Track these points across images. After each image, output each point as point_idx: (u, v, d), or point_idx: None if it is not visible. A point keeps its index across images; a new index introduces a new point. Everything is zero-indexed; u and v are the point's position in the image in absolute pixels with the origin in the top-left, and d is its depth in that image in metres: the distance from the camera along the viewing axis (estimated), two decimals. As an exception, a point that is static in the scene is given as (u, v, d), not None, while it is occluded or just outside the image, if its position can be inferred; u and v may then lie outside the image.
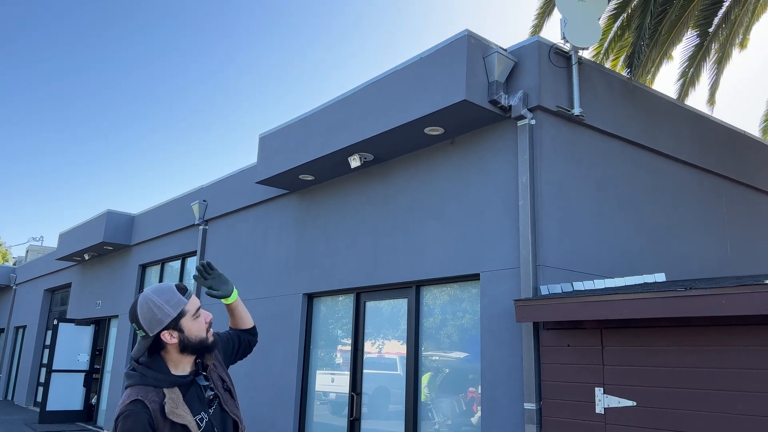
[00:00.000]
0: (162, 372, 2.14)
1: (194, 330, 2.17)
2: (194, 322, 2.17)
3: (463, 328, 5.77)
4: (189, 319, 2.16)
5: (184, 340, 2.15)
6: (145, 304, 2.13)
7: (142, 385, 2.11)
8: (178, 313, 2.13)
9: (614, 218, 5.83)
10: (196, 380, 2.22)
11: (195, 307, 2.19)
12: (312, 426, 7.32)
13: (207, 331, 2.20)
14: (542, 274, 5.06)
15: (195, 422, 2.11)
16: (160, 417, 2.04)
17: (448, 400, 5.77)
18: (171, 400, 2.09)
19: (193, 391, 2.19)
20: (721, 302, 3.69)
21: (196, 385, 2.21)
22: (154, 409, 2.04)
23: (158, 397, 2.08)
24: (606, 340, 4.45)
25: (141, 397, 2.07)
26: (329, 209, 7.56)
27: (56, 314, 17.03)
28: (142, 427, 2.00)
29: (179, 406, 2.09)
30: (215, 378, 2.29)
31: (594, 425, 4.40)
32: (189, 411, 2.11)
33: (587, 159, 5.74)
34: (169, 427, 2.05)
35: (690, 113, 6.97)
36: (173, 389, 2.12)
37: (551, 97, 5.46)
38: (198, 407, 2.17)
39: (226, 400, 2.27)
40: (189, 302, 2.17)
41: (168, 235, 11.37)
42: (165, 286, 2.19)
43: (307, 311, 7.70)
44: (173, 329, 2.13)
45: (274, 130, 7.65)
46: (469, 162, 5.88)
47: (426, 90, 5.57)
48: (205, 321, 2.21)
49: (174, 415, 2.05)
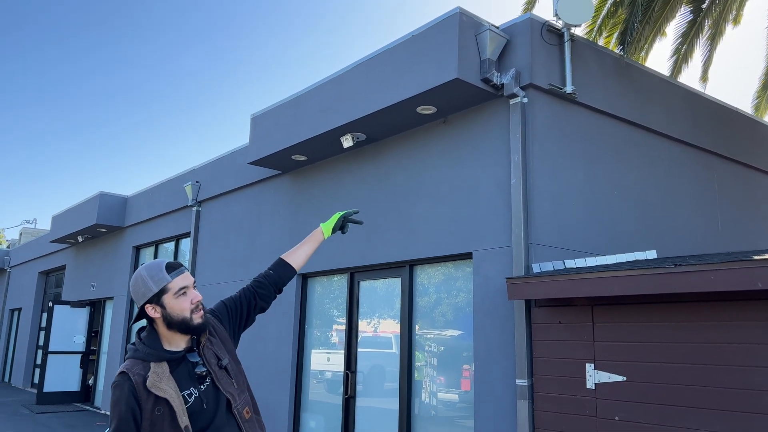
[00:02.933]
0: (153, 347, 2.20)
1: (176, 308, 2.20)
2: (176, 301, 2.20)
3: (456, 306, 5.82)
4: (170, 296, 2.20)
5: (166, 317, 2.20)
6: (135, 277, 2.23)
7: (133, 358, 2.19)
8: (159, 289, 2.19)
9: (606, 196, 5.85)
10: (187, 357, 2.24)
11: (179, 286, 2.21)
12: (308, 404, 7.40)
13: (192, 311, 2.21)
14: (534, 252, 5.09)
15: (181, 397, 2.14)
16: (142, 389, 2.11)
17: (441, 377, 5.84)
18: (155, 374, 2.14)
19: (184, 368, 2.22)
20: (709, 278, 3.73)
21: (187, 362, 2.24)
22: (137, 381, 2.11)
23: (143, 371, 2.14)
24: (597, 316, 4.50)
25: (127, 369, 2.14)
26: (322, 190, 7.56)
27: (51, 296, 17.04)
28: (126, 398, 2.09)
29: (163, 380, 2.14)
30: (209, 355, 2.30)
31: (585, 400, 4.47)
32: (175, 386, 2.15)
33: (579, 137, 5.74)
34: (152, 400, 2.10)
35: (683, 90, 6.96)
36: (161, 364, 2.17)
37: (543, 75, 5.44)
38: (187, 383, 2.20)
39: (220, 378, 2.27)
40: (173, 280, 2.21)
41: (161, 216, 11.35)
42: (155, 263, 2.25)
43: (302, 291, 7.74)
44: (156, 304, 2.20)
45: (266, 110, 7.60)
46: (462, 141, 5.88)
47: (418, 68, 5.54)
48: (191, 301, 2.22)
49: (156, 388, 2.11)
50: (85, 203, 12.88)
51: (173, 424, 2.11)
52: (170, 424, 2.11)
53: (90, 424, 10.60)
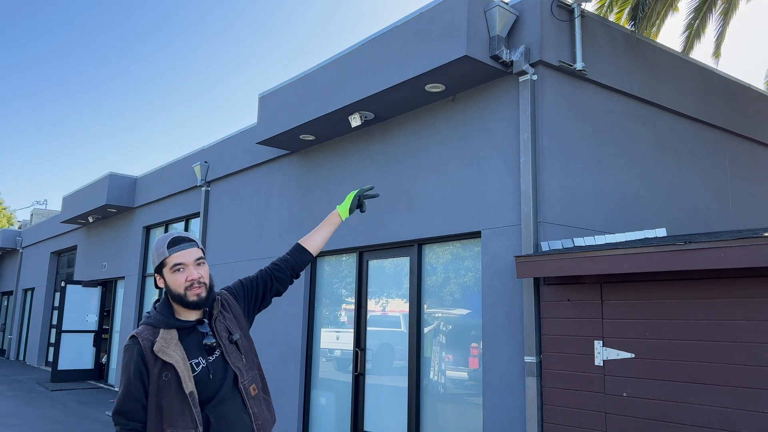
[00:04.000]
0: (164, 314, 2.26)
1: (171, 283, 2.25)
2: (171, 276, 2.25)
3: (465, 285, 5.84)
4: (167, 270, 2.26)
5: (167, 288, 2.28)
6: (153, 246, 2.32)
7: (145, 324, 2.26)
8: (160, 262, 2.27)
9: (616, 174, 5.82)
10: (197, 327, 2.29)
11: (174, 262, 2.25)
12: (318, 381, 7.49)
13: (186, 288, 2.23)
14: (543, 231, 5.09)
15: (188, 365, 2.19)
16: (150, 354, 2.17)
17: (450, 355, 5.88)
18: (163, 339, 2.20)
19: (194, 337, 2.27)
20: (720, 255, 3.72)
21: (197, 332, 2.29)
22: (146, 346, 2.18)
23: (153, 336, 2.21)
24: (606, 294, 4.51)
25: (137, 334, 2.22)
26: (331, 169, 7.56)
27: (63, 276, 17.23)
28: (135, 361, 2.17)
29: (170, 346, 2.19)
30: (220, 328, 2.33)
31: (593, 377, 4.50)
32: (182, 353, 2.20)
33: (589, 114, 5.70)
34: (160, 366, 2.17)
35: (694, 66, 6.87)
36: (170, 331, 2.23)
37: (553, 52, 5.38)
38: (196, 352, 2.24)
39: (230, 352, 2.30)
40: (171, 256, 2.26)
41: (171, 197, 11.40)
42: (166, 235, 2.31)
43: (311, 271, 7.78)
44: (160, 275, 2.29)
45: (273, 90, 7.58)
46: (471, 119, 5.85)
47: (426, 46, 5.49)
48: (186, 279, 2.24)
49: (162, 353, 2.16)
50: (95, 184, 12.95)
51: (179, 390, 2.16)
52: (176, 389, 2.15)
53: (104, 401, 10.79)
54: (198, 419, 2.15)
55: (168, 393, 2.15)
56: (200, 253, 2.31)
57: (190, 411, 2.14)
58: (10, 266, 22.09)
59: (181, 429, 2.12)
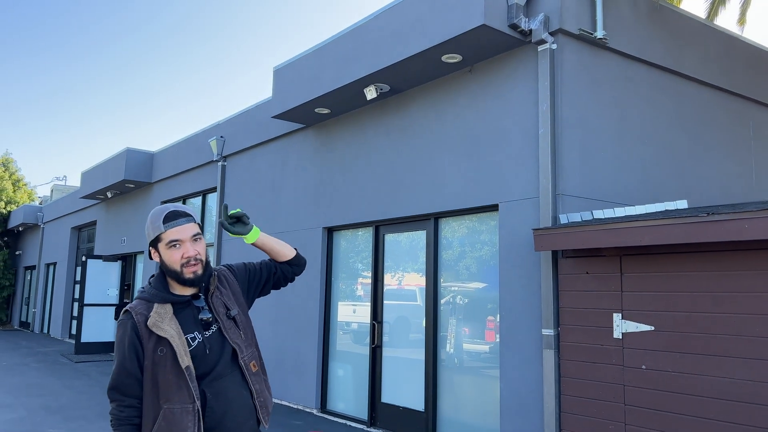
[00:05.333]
0: (158, 289, 2.23)
1: (167, 258, 2.20)
2: (167, 251, 2.19)
3: (481, 259, 5.81)
4: (163, 246, 2.20)
5: (162, 264, 2.22)
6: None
7: (139, 298, 2.23)
8: (155, 237, 2.21)
9: (636, 145, 5.72)
10: (192, 302, 2.25)
11: (170, 238, 2.18)
12: (336, 354, 7.56)
13: (183, 265, 2.18)
14: (562, 203, 5.03)
15: (184, 339, 2.16)
16: (144, 328, 2.14)
17: (466, 328, 5.89)
18: (157, 314, 2.16)
19: (189, 312, 2.23)
20: (744, 227, 3.65)
21: (193, 307, 2.25)
22: (139, 320, 2.15)
23: (147, 311, 2.18)
24: (625, 267, 4.46)
25: (131, 308, 2.19)
26: (346, 143, 7.52)
27: (84, 251, 17.49)
28: (129, 336, 2.14)
29: (165, 320, 2.16)
30: (217, 304, 2.29)
31: (611, 350, 4.48)
32: (177, 327, 2.16)
33: (610, 84, 5.58)
34: (154, 340, 2.14)
35: (718, 34, 6.68)
36: (165, 305, 2.19)
37: (573, 20, 5.25)
38: (191, 327, 2.21)
39: (228, 328, 2.27)
40: (166, 231, 2.18)
41: (187, 171, 11.45)
42: (161, 209, 2.23)
43: (327, 245, 7.80)
44: (154, 249, 2.23)
45: (288, 63, 7.51)
46: (488, 90, 5.75)
47: (443, 15, 5.39)
48: (182, 255, 2.18)
49: (156, 328, 2.13)
50: (113, 159, 13.04)
51: (175, 365, 2.12)
52: (172, 364, 2.12)
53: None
54: (195, 394, 2.11)
55: (164, 368, 2.11)
56: (197, 229, 2.24)
57: (187, 386, 2.11)
58: (32, 241, 22.47)
59: (178, 404, 2.09)
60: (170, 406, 2.09)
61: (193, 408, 2.10)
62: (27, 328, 21.61)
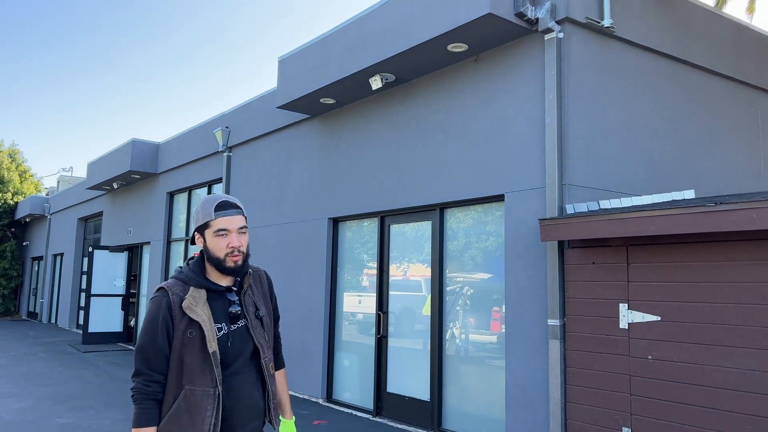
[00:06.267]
0: (197, 273, 2.26)
1: (212, 246, 2.23)
2: (213, 239, 2.23)
3: (486, 249, 5.80)
4: (210, 233, 2.23)
5: (206, 250, 2.25)
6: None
7: (176, 278, 2.25)
8: (203, 223, 2.24)
9: (643, 134, 5.68)
10: (225, 294, 2.28)
11: (219, 226, 2.22)
12: (341, 344, 7.58)
13: (227, 254, 2.22)
14: (568, 193, 5.00)
15: (213, 326, 2.18)
16: (178, 309, 2.17)
17: (472, 318, 5.89)
18: (192, 297, 2.19)
19: (221, 303, 2.26)
20: (751, 216, 3.62)
21: (225, 298, 2.28)
22: (174, 300, 2.17)
23: (182, 292, 2.20)
24: (632, 257, 4.44)
25: (167, 287, 2.21)
26: (352, 133, 7.50)
27: (91, 242, 17.57)
28: (163, 312, 2.15)
29: (199, 304, 2.19)
30: (248, 302, 2.34)
31: (618, 339, 4.47)
32: (209, 313, 2.19)
33: (617, 73, 5.53)
34: (186, 322, 2.16)
35: (727, 22, 6.61)
36: (200, 290, 2.22)
37: (580, 8, 5.21)
38: (220, 317, 2.24)
39: (255, 327, 2.31)
40: (216, 220, 2.22)
41: (193, 162, 11.46)
42: (214, 197, 2.28)
43: (333, 235, 7.80)
44: (201, 235, 2.26)
45: (293, 53, 7.49)
46: (494, 79, 5.72)
47: (448, 4, 5.35)
48: (227, 245, 2.22)
49: (190, 311, 2.16)
50: (119, 150, 13.06)
51: (202, 348, 2.15)
52: (200, 347, 2.15)
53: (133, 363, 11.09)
54: (218, 379, 2.15)
55: (191, 350, 2.14)
56: (244, 222, 2.29)
57: (211, 370, 2.15)
58: (39, 232, 22.58)
59: (200, 386, 2.13)
60: (192, 387, 2.13)
61: (214, 392, 2.15)
62: (35, 319, 21.77)
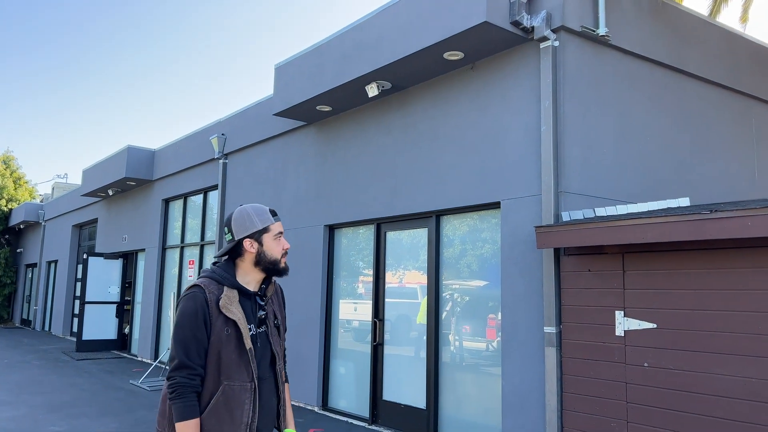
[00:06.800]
0: (231, 274, 2.32)
1: (271, 248, 2.35)
2: (273, 242, 2.35)
3: (482, 257, 5.81)
4: (270, 236, 2.35)
5: (260, 254, 2.33)
6: (240, 212, 2.36)
7: (209, 278, 2.30)
8: (263, 227, 2.35)
9: (639, 142, 5.70)
10: (254, 297, 2.37)
11: (278, 230, 2.37)
12: (337, 351, 7.56)
13: (282, 255, 2.37)
14: (564, 201, 5.02)
15: (246, 325, 2.26)
16: (214, 307, 2.22)
17: (467, 326, 5.89)
18: (227, 297, 2.25)
19: (249, 306, 2.34)
20: (747, 224, 3.64)
21: (253, 301, 2.36)
22: (211, 299, 2.22)
23: (218, 291, 2.25)
24: (628, 264, 4.45)
25: (203, 285, 2.25)
26: (348, 140, 7.51)
27: (85, 249, 17.49)
28: (200, 307, 2.20)
29: (233, 303, 2.25)
30: (269, 310, 2.42)
31: (614, 347, 4.47)
32: (242, 313, 2.26)
33: (612, 81, 5.57)
34: (222, 320, 2.21)
35: (721, 31, 6.66)
36: (233, 290, 2.29)
37: (575, 17, 5.24)
38: (249, 319, 2.32)
39: (273, 334, 2.40)
40: (276, 224, 2.38)
41: (189, 169, 11.45)
42: (261, 206, 2.42)
43: (329, 242, 7.80)
44: (255, 240, 2.33)
45: (289, 60, 7.50)
46: (490, 87, 5.74)
47: (444, 12, 5.37)
48: (283, 247, 2.38)
49: (227, 310, 2.22)
50: (114, 157, 13.03)
51: (239, 345, 2.22)
52: (237, 344, 2.22)
53: (127, 370, 11.02)
54: (255, 374, 2.23)
55: (228, 346, 2.20)
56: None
57: (247, 366, 2.22)
58: (33, 239, 22.48)
59: (238, 381, 2.19)
60: (230, 383, 2.19)
61: (251, 386, 2.22)
62: (28, 326, 21.64)
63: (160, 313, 12.20)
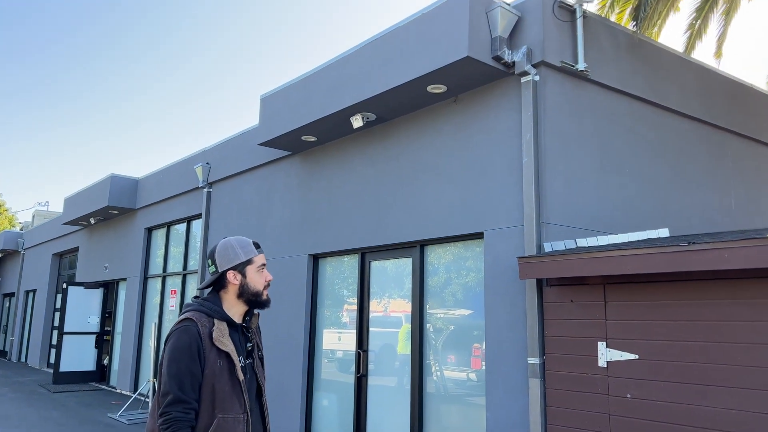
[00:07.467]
0: (219, 307, 2.34)
1: (254, 280, 2.38)
2: (256, 274, 2.39)
3: (467, 286, 5.83)
4: (253, 268, 2.39)
5: (243, 285, 2.36)
6: (224, 244, 2.40)
7: (198, 311, 2.31)
8: (247, 259, 2.38)
9: (618, 175, 5.81)
10: (241, 329, 2.39)
11: (261, 261, 2.42)
12: (320, 383, 7.48)
13: (264, 287, 2.40)
14: (546, 232, 5.08)
15: (237, 357, 2.28)
16: (207, 340, 2.23)
17: (452, 356, 5.87)
18: (218, 330, 2.27)
19: (237, 337, 2.36)
20: (723, 256, 3.71)
21: (240, 334, 2.38)
22: (203, 331, 2.24)
23: (209, 324, 2.27)
24: (609, 295, 4.50)
25: (195, 318, 2.26)
26: (332, 170, 7.56)
27: (65, 278, 17.24)
28: (194, 340, 2.20)
29: (224, 336, 2.27)
30: (254, 342, 2.47)
31: (597, 378, 4.49)
32: (233, 346, 2.29)
33: (592, 115, 5.69)
34: (215, 353, 2.23)
35: (696, 66, 6.86)
36: (222, 323, 2.31)
37: (555, 53, 5.38)
38: (239, 351, 2.34)
39: (258, 366, 2.43)
40: (259, 255, 2.42)
41: (172, 198, 11.41)
42: (245, 238, 2.47)
43: (313, 272, 7.78)
44: (238, 272, 2.37)
45: (275, 91, 7.58)
46: (473, 120, 5.84)
47: (428, 47, 5.49)
48: (266, 279, 2.41)
49: (220, 342, 2.24)
50: (97, 185, 12.95)
51: (232, 377, 2.24)
52: (229, 376, 2.24)
53: (106, 403, 10.79)
54: (247, 405, 2.25)
55: (221, 379, 2.21)
56: None
57: (239, 397, 2.24)
58: (11, 268, 22.10)
59: (231, 413, 2.21)
60: (224, 415, 2.20)
61: (244, 418, 2.24)
62: (4, 357, 21.14)
63: (141, 343, 12.01)
